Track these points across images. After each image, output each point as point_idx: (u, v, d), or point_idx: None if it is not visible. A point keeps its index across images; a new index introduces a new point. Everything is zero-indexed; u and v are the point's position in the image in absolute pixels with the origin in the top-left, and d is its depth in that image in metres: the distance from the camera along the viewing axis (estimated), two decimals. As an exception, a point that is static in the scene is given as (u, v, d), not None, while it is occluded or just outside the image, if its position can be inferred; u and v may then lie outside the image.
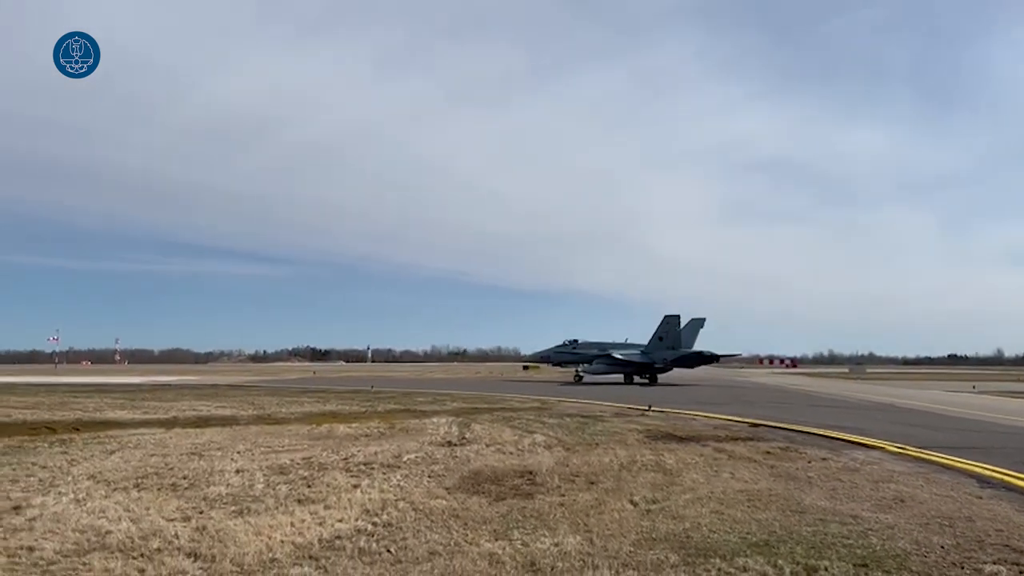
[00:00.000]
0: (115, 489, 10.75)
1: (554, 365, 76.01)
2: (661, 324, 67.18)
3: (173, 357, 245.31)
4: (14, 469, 12.57)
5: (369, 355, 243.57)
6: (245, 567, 6.97)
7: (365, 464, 13.16)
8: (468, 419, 22.06)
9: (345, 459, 13.77)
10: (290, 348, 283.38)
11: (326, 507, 9.59)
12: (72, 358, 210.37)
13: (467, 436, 17.44)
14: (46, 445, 15.89)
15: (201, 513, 9.22)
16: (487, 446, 15.75)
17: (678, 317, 67.10)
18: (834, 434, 18.79)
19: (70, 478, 11.69)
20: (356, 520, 8.90)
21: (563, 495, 10.54)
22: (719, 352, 68.78)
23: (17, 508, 9.40)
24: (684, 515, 9.29)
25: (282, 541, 7.91)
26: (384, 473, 12.25)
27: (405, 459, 13.75)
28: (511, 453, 14.75)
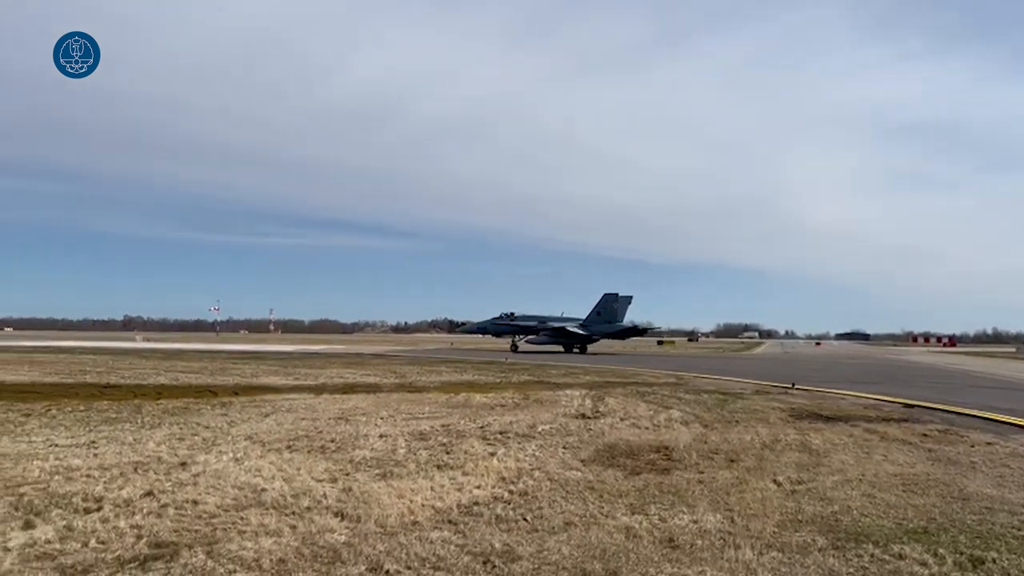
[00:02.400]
0: (269, 450, 11.45)
1: (493, 336, 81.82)
2: (600, 301, 75.13)
3: (321, 327, 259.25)
4: (181, 428, 13.64)
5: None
6: (388, 528, 7.23)
7: (501, 433, 13.36)
8: (601, 392, 21.98)
9: (482, 427, 14.04)
10: (429, 320, 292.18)
11: (464, 473, 9.80)
12: (231, 327, 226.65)
13: (601, 409, 17.36)
14: (208, 407, 17.16)
15: (347, 475, 9.65)
16: (621, 420, 15.61)
17: (616, 295, 75.01)
18: (1000, 417, 17.30)
19: (229, 438, 12.55)
20: (493, 487, 9.04)
21: (701, 472, 10.28)
22: (644, 325, 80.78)
23: (184, 464, 10.17)
24: (832, 497, 8.83)
25: (423, 505, 8.15)
26: (519, 443, 12.39)
27: (540, 430, 13.85)
28: (646, 428, 14.55)
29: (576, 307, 74.79)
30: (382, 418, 15.31)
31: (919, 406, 19.81)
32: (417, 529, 7.22)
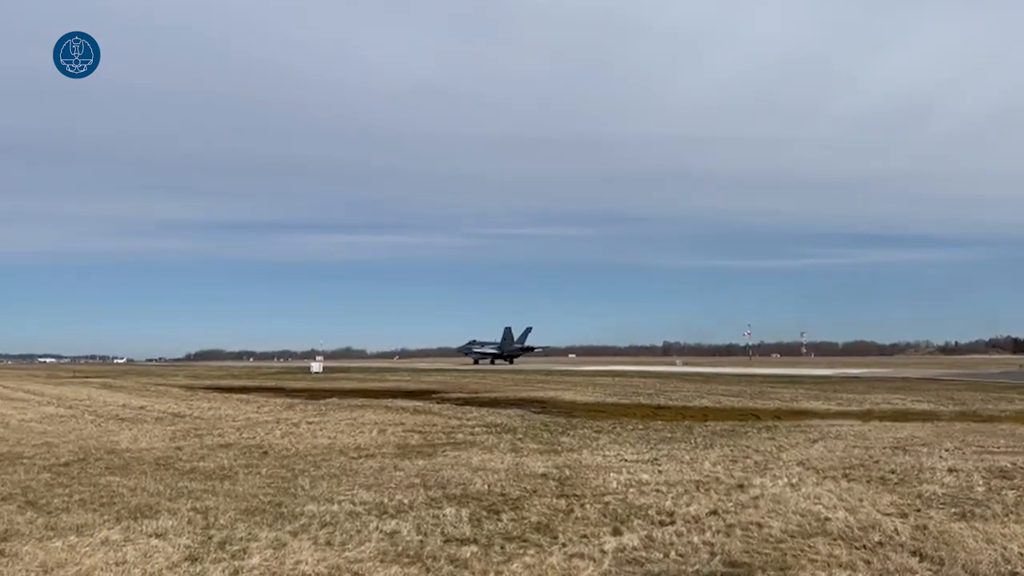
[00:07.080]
0: (824, 477, 11.09)
1: (464, 355, 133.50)
2: (504, 332, 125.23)
3: (856, 349, 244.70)
4: (731, 450, 14.10)
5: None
6: (980, 576, 6.33)
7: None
8: None
9: (1087, 468, 11.50)
10: (987, 339, 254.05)
11: (1075, 523, 8.11)
12: (762, 351, 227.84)
13: None
14: (754, 430, 17.46)
15: (918, 511, 8.79)
16: None
17: (511, 328, 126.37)
18: None
19: (780, 462, 12.52)
20: (1119, 543, 7.28)
21: None
22: (532, 345, 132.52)
23: (741, 486, 10.44)
24: None
25: (1020, 554, 6.96)
26: None
27: None
28: None
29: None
30: (947, 450, 13.67)
31: None
32: (1019, 580, 6.17)
